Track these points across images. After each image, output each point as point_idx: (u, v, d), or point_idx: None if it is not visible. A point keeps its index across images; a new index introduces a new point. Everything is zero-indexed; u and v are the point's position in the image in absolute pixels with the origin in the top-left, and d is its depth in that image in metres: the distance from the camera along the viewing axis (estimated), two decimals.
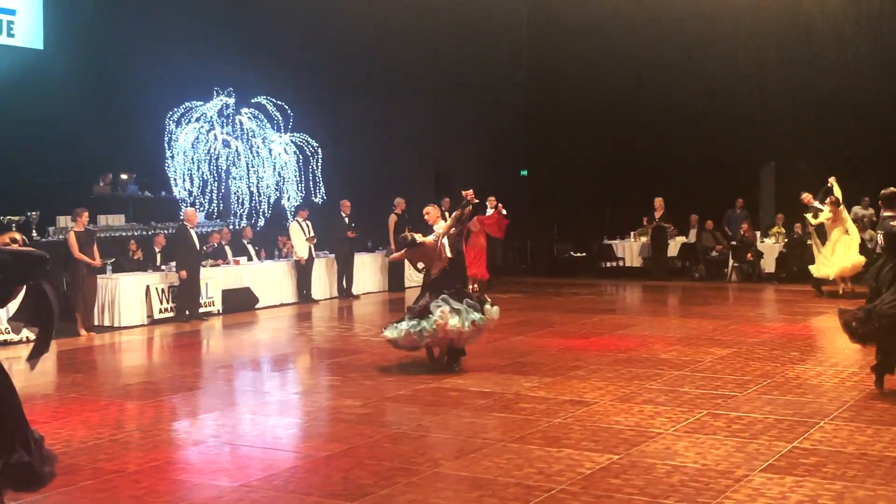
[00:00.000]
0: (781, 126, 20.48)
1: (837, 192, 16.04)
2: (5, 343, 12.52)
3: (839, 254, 16.01)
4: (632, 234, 21.12)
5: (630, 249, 21.05)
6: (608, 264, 21.12)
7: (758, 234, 20.00)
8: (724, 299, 17.01)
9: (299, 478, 6.38)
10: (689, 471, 6.28)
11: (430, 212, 10.74)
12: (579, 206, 22.54)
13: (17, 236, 5.72)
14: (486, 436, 7.34)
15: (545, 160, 22.53)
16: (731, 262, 19.53)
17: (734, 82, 20.51)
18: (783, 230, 19.50)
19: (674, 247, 20.40)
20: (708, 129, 20.67)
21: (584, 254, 21.89)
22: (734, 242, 19.56)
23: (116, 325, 14.20)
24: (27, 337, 12.83)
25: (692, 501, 5.69)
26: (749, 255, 19.24)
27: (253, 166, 18.48)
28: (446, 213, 19.39)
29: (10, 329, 10.46)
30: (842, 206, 16.06)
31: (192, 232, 14.91)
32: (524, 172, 22.92)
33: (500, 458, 6.70)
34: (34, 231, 15.21)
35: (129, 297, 14.41)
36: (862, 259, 15.77)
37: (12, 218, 15.01)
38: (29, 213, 15.20)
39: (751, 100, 20.51)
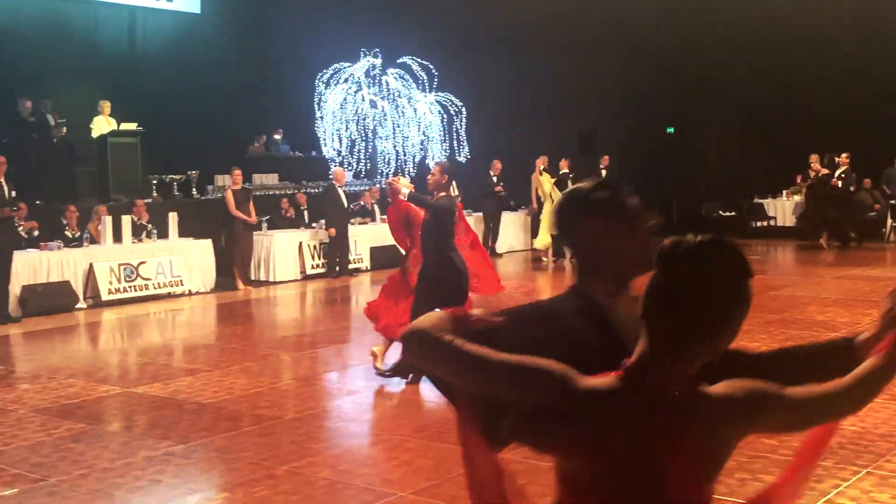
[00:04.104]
0: None
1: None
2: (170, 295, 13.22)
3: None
4: (784, 192, 20.41)
5: (782, 208, 20.36)
6: (759, 224, 20.50)
7: None
8: (882, 260, 16.28)
9: (451, 429, 6.51)
10: (847, 433, 6.12)
11: None
12: (729, 164, 21.89)
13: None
14: None
15: (693, 116, 21.94)
16: (889, 221, 18.65)
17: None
18: None
19: None
20: (867, 83, 19.69)
21: (733, 213, 21.29)
22: (893, 201, 18.66)
23: (272, 279, 14.75)
24: (190, 290, 13.53)
25: (851, 463, 5.55)
26: None
27: (398, 126, 18.75)
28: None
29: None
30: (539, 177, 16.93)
31: (341, 191, 15.27)
32: (671, 129, 22.40)
33: None
34: (194, 189, 15.93)
35: (283, 253, 14.93)
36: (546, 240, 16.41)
37: (174, 177, 15.77)
38: (189, 173, 15.92)
39: None
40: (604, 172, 19.85)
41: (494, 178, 17.79)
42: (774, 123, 21.10)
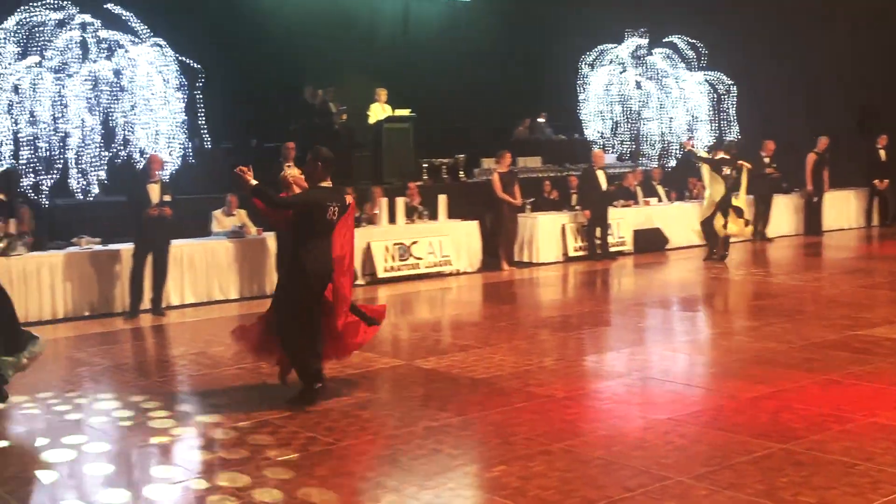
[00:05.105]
0: None
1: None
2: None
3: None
4: None
5: None
6: None
7: None
8: None
9: (725, 416, 6.39)
10: None
11: None
12: None
13: None
14: None
15: None
16: None
17: None
18: None
19: None
20: None
21: None
22: None
23: (535, 261, 14.97)
24: (457, 270, 13.97)
25: None
26: None
27: (664, 107, 18.42)
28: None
29: None
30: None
31: (600, 173, 15.20)
32: None
33: None
34: (461, 172, 16.42)
35: (546, 234, 15.11)
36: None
37: (442, 160, 16.33)
38: (456, 156, 16.44)
39: None
40: (881, 153, 18.56)
41: (766, 160, 17.08)
42: None
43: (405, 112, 15.97)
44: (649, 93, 18.31)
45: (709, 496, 4.89)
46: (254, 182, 6.83)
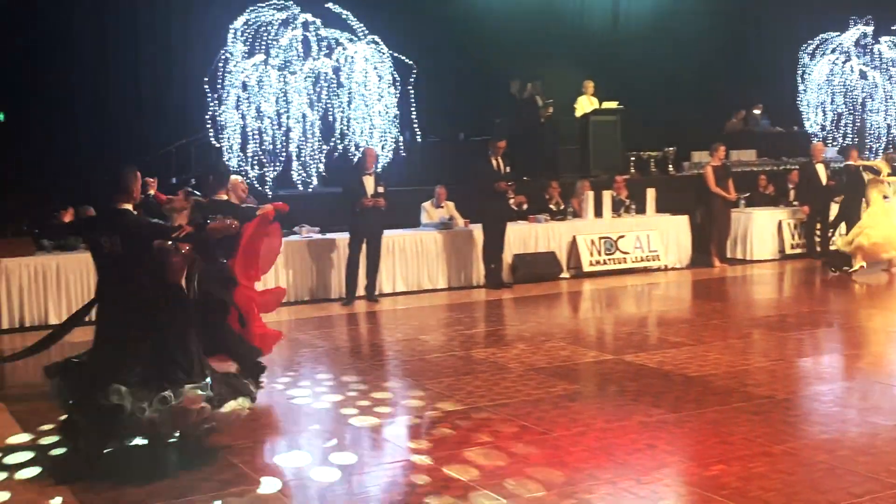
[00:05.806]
0: None
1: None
2: None
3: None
4: None
5: None
6: None
7: None
8: None
9: None
10: None
11: None
12: None
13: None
14: None
15: None
16: None
17: None
18: None
19: None
20: None
21: None
22: None
23: (748, 258, 14.45)
24: (665, 265, 13.66)
25: None
26: None
27: (891, 98, 17.35)
28: None
29: None
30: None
31: (819, 167, 14.47)
32: None
33: None
34: (670, 166, 16.07)
35: (761, 231, 14.55)
36: None
37: (651, 154, 16.04)
38: (665, 149, 16.09)
39: None
40: None
41: None
42: None
43: (612, 105, 15.78)
44: (875, 83, 17.28)
45: None
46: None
